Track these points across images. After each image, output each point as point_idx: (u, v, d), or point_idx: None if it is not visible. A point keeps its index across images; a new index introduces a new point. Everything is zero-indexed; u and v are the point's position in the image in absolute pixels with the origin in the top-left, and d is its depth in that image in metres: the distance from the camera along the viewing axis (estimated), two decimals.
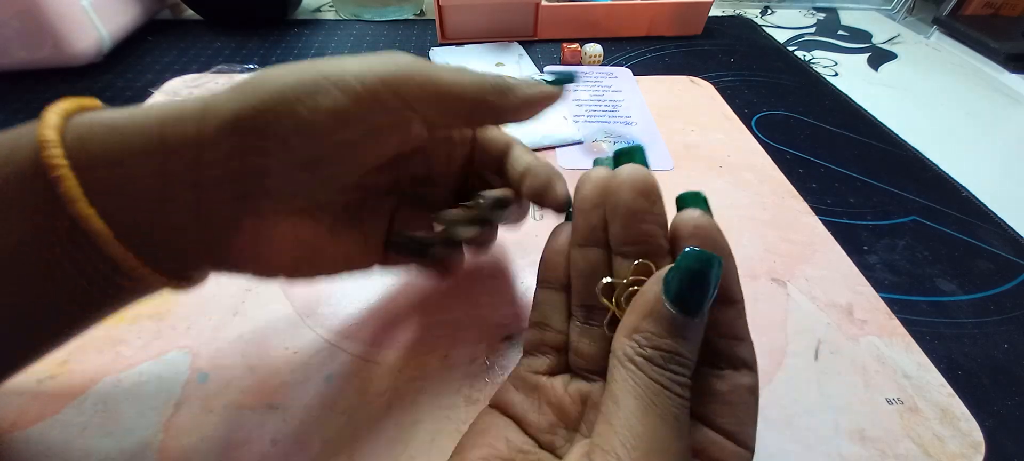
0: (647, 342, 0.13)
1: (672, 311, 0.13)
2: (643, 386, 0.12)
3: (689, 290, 0.13)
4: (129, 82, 0.46)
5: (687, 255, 0.13)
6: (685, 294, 0.13)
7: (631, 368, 0.13)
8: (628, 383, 0.13)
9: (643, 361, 0.13)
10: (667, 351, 0.12)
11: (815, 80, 0.54)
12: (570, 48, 0.54)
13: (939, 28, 0.69)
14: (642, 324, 0.13)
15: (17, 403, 0.23)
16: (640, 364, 0.13)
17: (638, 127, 0.44)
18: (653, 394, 0.12)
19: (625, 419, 0.12)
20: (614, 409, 0.13)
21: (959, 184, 0.40)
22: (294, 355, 0.25)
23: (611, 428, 0.12)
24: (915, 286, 0.31)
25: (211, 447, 0.21)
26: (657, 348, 0.13)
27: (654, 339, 0.13)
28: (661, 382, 0.12)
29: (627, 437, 0.12)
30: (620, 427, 0.12)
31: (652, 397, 0.12)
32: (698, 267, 0.13)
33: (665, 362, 0.12)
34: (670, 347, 0.13)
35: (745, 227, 0.34)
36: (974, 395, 0.25)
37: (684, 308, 0.13)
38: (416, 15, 0.65)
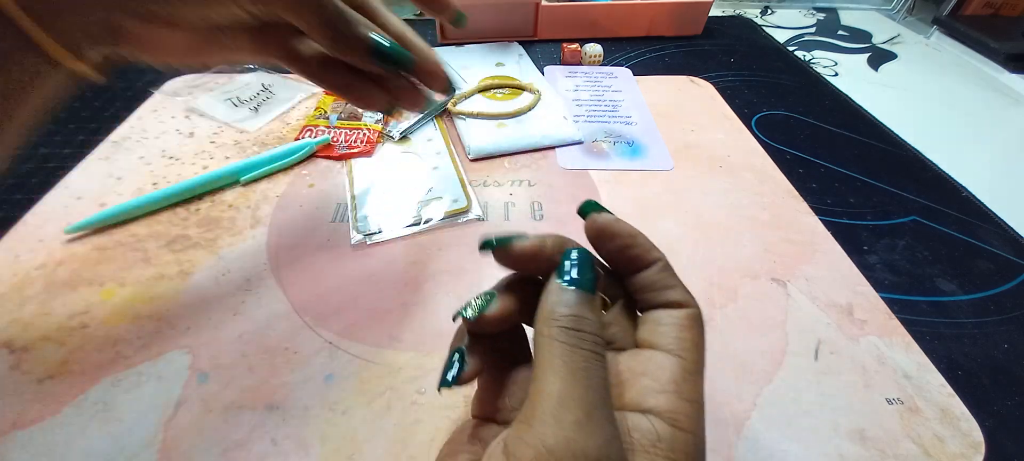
0: (555, 319, 0.15)
1: (569, 288, 0.15)
2: (557, 353, 0.14)
3: (575, 272, 0.15)
4: (129, 82, 0.46)
5: (566, 253, 0.16)
6: (572, 277, 0.15)
7: (545, 340, 0.14)
8: (543, 353, 0.14)
9: (556, 331, 0.14)
10: (572, 316, 0.15)
11: (815, 80, 0.54)
12: (570, 48, 0.54)
13: (939, 28, 0.69)
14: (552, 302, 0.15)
15: (17, 403, 0.23)
16: (553, 335, 0.14)
17: (638, 127, 0.44)
18: (566, 357, 0.14)
19: (541, 385, 0.14)
20: (535, 382, 0.14)
21: (959, 184, 0.40)
22: (294, 355, 0.25)
23: (532, 398, 0.14)
24: (915, 286, 0.31)
25: (211, 447, 0.21)
26: (564, 321, 0.14)
27: (559, 314, 0.15)
28: (570, 343, 0.14)
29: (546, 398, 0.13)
30: (537, 394, 0.14)
31: (565, 359, 0.14)
32: (572, 258, 0.16)
33: (573, 325, 0.14)
34: (573, 312, 0.15)
35: (745, 227, 0.34)
36: (974, 395, 0.25)
37: (576, 284, 0.15)
38: (416, 15, 0.65)
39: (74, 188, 0.34)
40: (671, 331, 0.16)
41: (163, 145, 0.38)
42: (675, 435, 0.14)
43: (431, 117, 0.43)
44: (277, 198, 0.34)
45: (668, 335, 0.16)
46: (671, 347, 0.16)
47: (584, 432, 0.13)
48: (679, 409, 0.14)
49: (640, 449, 0.14)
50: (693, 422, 0.14)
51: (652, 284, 0.17)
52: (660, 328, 0.16)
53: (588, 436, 0.13)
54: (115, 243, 0.30)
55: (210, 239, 0.31)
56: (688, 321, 0.16)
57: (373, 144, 0.39)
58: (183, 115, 0.42)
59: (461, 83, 0.37)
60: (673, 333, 0.16)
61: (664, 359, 0.15)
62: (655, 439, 0.14)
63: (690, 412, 0.15)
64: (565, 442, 0.13)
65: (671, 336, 0.16)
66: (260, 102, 0.44)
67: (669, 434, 0.14)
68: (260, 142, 0.39)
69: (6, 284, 0.28)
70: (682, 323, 0.16)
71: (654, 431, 0.14)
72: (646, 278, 0.17)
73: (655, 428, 0.14)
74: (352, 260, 0.30)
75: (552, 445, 0.13)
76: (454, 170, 0.37)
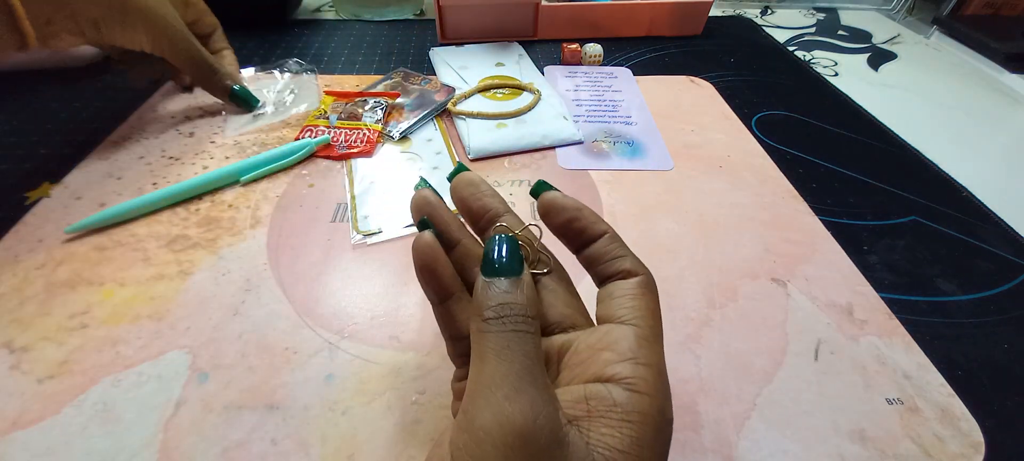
0: (482, 315, 0.15)
1: (492, 280, 0.16)
2: (486, 342, 0.14)
3: (493, 261, 0.16)
4: (129, 82, 0.46)
5: (487, 242, 0.17)
6: (493, 265, 0.16)
7: (479, 335, 0.15)
8: (475, 345, 0.15)
9: (484, 324, 0.15)
10: (497, 306, 0.15)
11: (815, 80, 0.54)
12: (570, 48, 0.54)
13: (939, 28, 0.69)
14: (478, 301, 0.16)
15: (17, 403, 0.23)
16: (481, 328, 0.15)
17: (638, 127, 0.44)
18: (493, 342, 0.14)
19: (474, 373, 0.14)
20: (470, 373, 0.15)
21: (959, 184, 0.40)
22: (294, 355, 0.25)
23: (467, 388, 0.14)
24: (915, 286, 0.31)
25: (211, 447, 0.21)
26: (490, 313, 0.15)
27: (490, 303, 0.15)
28: (496, 330, 0.15)
29: (477, 383, 0.14)
30: (471, 382, 0.14)
31: (492, 345, 0.14)
32: (492, 245, 0.16)
33: (498, 314, 0.15)
34: (497, 302, 0.15)
35: (745, 227, 0.34)
36: (974, 395, 0.25)
37: (499, 274, 0.16)
38: (416, 15, 0.65)
39: (74, 188, 0.34)
40: (625, 301, 0.17)
41: (163, 145, 0.38)
42: (631, 398, 0.14)
43: (431, 117, 0.43)
44: (277, 198, 0.34)
45: (623, 305, 0.16)
46: (626, 317, 0.16)
47: (512, 404, 0.13)
48: (636, 374, 0.15)
49: (597, 415, 0.14)
50: (651, 385, 0.15)
51: (601, 255, 0.18)
52: (614, 301, 0.17)
53: (515, 406, 0.13)
54: (115, 243, 0.30)
55: (210, 239, 0.31)
56: (639, 289, 0.17)
57: (373, 144, 0.39)
58: (183, 115, 0.42)
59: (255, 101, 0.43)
60: (627, 303, 0.16)
61: (620, 330, 0.16)
62: (611, 404, 0.14)
63: (647, 376, 0.15)
64: (493, 418, 0.13)
65: (626, 306, 0.16)
66: (283, 99, 0.44)
67: (625, 397, 0.14)
68: (260, 142, 0.39)
69: (6, 284, 0.28)
70: (634, 292, 0.17)
71: (610, 397, 0.14)
72: (595, 250, 0.18)
73: (611, 394, 0.14)
74: (352, 260, 0.30)
75: (483, 424, 0.13)
76: None
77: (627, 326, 0.16)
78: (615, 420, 0.14)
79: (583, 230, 0.18)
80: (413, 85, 0.46)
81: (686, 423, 0.23)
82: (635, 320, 0.16)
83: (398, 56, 0.54)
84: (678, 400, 0.24)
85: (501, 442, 0.13)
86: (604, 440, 0.14)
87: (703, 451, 0.22)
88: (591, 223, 0.18)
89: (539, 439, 0.13)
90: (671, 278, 0.30)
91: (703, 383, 0.25)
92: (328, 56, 0.53)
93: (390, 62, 0.53)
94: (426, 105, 0.43)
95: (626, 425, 0.14)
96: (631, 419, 0.14)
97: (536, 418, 0.13)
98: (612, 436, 0.14)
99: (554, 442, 0.13)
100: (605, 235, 0.18)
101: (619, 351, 0.15)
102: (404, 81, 0.47)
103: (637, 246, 0.32)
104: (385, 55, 0.54)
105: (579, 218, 0.18)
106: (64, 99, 0.43)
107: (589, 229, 0.18)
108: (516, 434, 0.13)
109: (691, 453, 0.22)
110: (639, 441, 0.14)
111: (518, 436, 0.13)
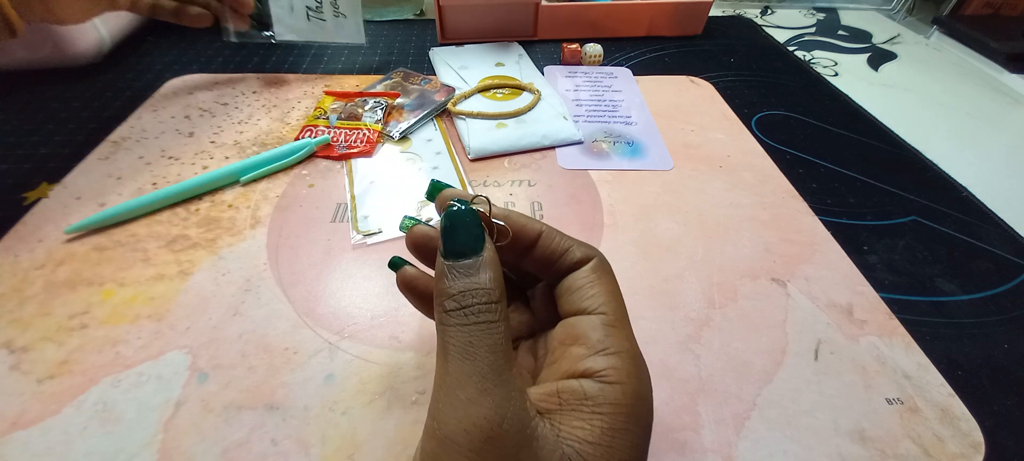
0: (442, 306, 0.14)
1: (453, 262, 0.15)
2: (449, 337, 0.14)
3: (454, 238, 0.15)
4: (129, 82, 0.46)
5: (442, 217, 0.16)
6: (452, 242, 0.15)
7: (442, 328, 0.14)
8: (439, 340, 0.14)
9: (446, 316, 0.14)
10: (458, 295, 0.14)
11: (815, 80, 0.54)
12: (570, 48, 0.54)
13: (939, 28, 0.69)
14: (439, 288, 0.15)
15: (17, 403, 0.23)
16: (443, 320, 0.14)
17: (638, 127, 0.44)
18: (457, 338, 0.14)
19: (438, 372, 0.14)
20: (436, 371, 0.14)
21: (959, 184, 0.40)
22: (294, 355, 0.25)
23: (433, 388, 0.14)
24: (915, 286, 0.31)
25: (211, 447, 0.21)
26: (450, 304, 0.14)
27: (451, 292, 0.14)
28: (459, 323, 0.14)
29: (442, 385, 0.14)
30: (436, 383, 0.14)
31: (456, 341, 0.14)
32: (449, 221, 0.15)
33: (460, 304, 0.14)
34: (458, 291, 0.14)
35: (745, 227, 0.34)
36: (974, 395, 0.25)
37: (461, 252, 0.15)
38: (416, 15, 0.65)
39: (74, 188, 0.34)
40: (585, 291, 0.16)
41: (163, 145, 0.38)
42: (603, 390, 0.14)
43: (431, 117, 0.43)
44: (277, 198, 0.34)
45: (584, 296, 0.16)
46: (589, 306, 0.16)
47: (477, 408, 0.13)
48: (607, 364, 0.14)
49: (569, 409, 0.14)
50: (623, 372, 0.14)
51: (549, 254, 0.17)
52: (574, 294, 0.16)
53: (479, 407, 0.13)
54: (115, 243, 0.30)
55: (210, 239, 0.31)
56: (594, 274, 0.16)
57: (373, 144, 0.39)
58: (183, 115, 0.42)
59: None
60: (588, 292, 0.16)
61: (588, 321, 0.16)
62: (582, 398, 0.14)
63: (618, 364, 0.15)
64: (458, 424, 0.13)
65: (587, 295, 0.16)
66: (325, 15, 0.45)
67: (597, 390, 0.14)
68: (260, 142, 0.39)
69: (6, 284, 0.28)
70: (591, 278, 0.16)
71: (582, 390, 0.14)
72: (540, 251, 0.17)
73: (583, 388, 0.14)
74: (352, 260, 0.30)
75: (449, 431, 0.13)
76: (454, 170, 0.37)
77: (593, 316, 0.16)
78: (586, 413, 0.14)
79: (519, 236, 0.17)
80: (413, 85, 0.46)
81: (686, 423, 0.23)
82: (599, 308, 0.16)
83: (398, 56, 0.54)
84: (678, 400, 0.24)
85: (468, 448, 0.13)
86: (575, 433, 0.13)
87: (703, 451, 0.22)
88: (523, 226, 0.17)
89: (507, 441, 0.13)
90: (671, 278, 0.30)
91: (703, 383, 0.25)
92: (328, 56, 0.53)
93: (390, 62, 0.53)
94: (426, 105, 0.43)
95: (597, 417, 0.14)
96: (602, 411, 0.14)
97: (502, 421, 0.13)
98: (582, 429, 0.13)
99: (522, 441, 0.13)
100: (542, 234, 0.17)
101: (589, 344, 0.15)
102: (404, 81, 0.47)
103: (637, 246, 0.32)
104: (385, 55, 0.54)
105: (510, 222, 0.17)
106: (64, 99, 0.43)
107: (523, 233, 0.17)
108: (483, 439, 0.12)
109: (691, 453, 0.22)
110: (611, 431, 0.14)
111: (485, 441, 0.12)
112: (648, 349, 0.26)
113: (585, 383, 0.14)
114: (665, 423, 0.23)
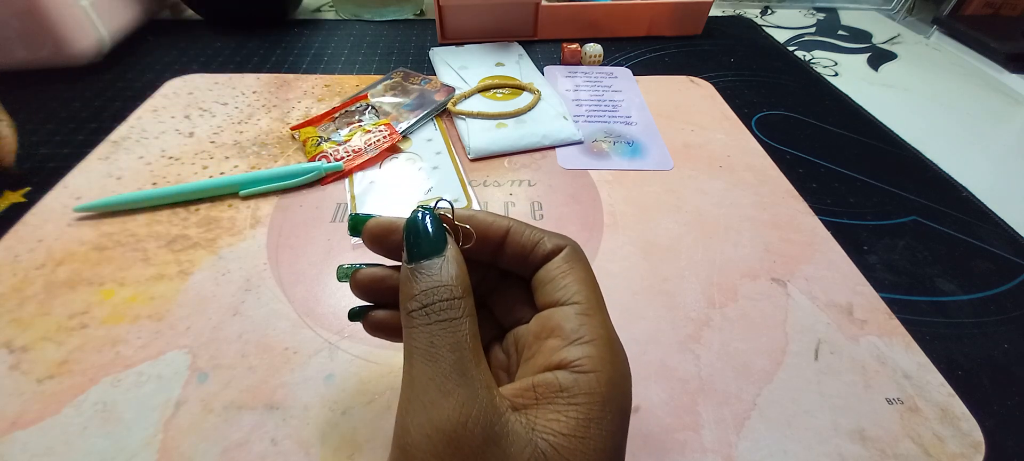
0: (407, 309, 0.14)
1: (416, 265, 0.15)
2: (413, 339, 0.14)
3: (416, 242, 0.15)
4: (129, 82, 0.46)
5: (405, 224, 0.16)
6: (415, 246, 0.15)
7: (406, 332, 0.14)
8: (405, 343, 0.14)
9: (409, 318, 0.14)
10: (420, 294, 0.14)
11: (815, 80, 0.54)
12: (570, 48, 0.54)
13: (939, 28, 0.69)
14: (403, 293, 0.15)
15: (17, 403, 0.23)
16: (407, 323, 0.14)
17: (638, 127, 0.44)
18: (420, 340, 0.14)
19: (404, 376, 0.14)
20: (404, 377, 0.14)
21: (959, 184, 0.40)
22: (294, 355, 0.25)
23: (401, 396, 0.14)
24: (915, 286, 0.31)
25: (211, 447, 0.21)
26: (413, 305, 0.14)
27: (413, 292, 0.14)
28: (422, 323, 0.14)
29: (407, 388, 0.13)
30: (403, 387, 0.14)
31: (419, 342, 0.14)
32: (411, 225, 0.16)
33: (422, 303, 0.14)
34: (420, 291, 0.14)
35: (745, 227, 0.34)
36: (974, 395, 0.25)
37: (423, 254, 0.15)
38: (416, 15, 0.65)
39: (74, 188, 0.34)
40: (557, 282, 0.16)
41: (163, 145, 0.38)
42: (577, 380, 0.14)
43: (431, 117, 0.43)
44: (277, 198, 0.34)
45: (557, 287, 0.16)
46: (561, 297, 0.16)
47: (439, 410, 0.13)
48: (581, 354, 0.14)
49: (545, 403, 0.14)
50: (597, 360, 0.14)
51: (520, 249, 0.17)
52: (548, 286, 0.16)
53: (441, 409, 0.13)
54: (115, 243, 0.30)
55: (210, 239, 0.31)
56: (566, 264, 0.16)
57: (395, 132, 0.39)
58: (183, 115, 0.42)
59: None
60: (559, 283, 0.16)
61: (561, 312, 0.15)
62: (557, 390, 0.14)
63: (592, 352, 0.14)
64: (419, 430, 0.13)
65: (560, 286, 0.16)
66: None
67: (571, 380, 0.14)
68: (260, 142, 0.39)
69: (6, 284, 0.28)
70: (563, 268, 0.16)
71: (556, 382, 0.14)
72: (511, 247, 0.17)
73: (557, 380, 0.14)
74: (352, 260, 0.30)
75: (411, 438, 0.13)
76: (454, 170, 0.37)
77: (567, 306, 0.15)
78: (562, 405, 0.14)
79: (486, 235, 0.17)
80: (413, 85, 0.46)
81: (686, 423, 0.23)
82: (572, 297, 0.16)
83: (398, 56, 0.54)
84: (678, 400, 0.24)
85: (431, 453, 0.12)
86: (549, 426, 0.13)
87: (703, 451, 0.22)
88: (491, 224, 0.17)
89: (472, 440, 0.12)
90: (671, 278, 0.30)
91: (703, 383, 0.25)
92: (328, 56, 0.53)
93: (390, 62, 0.53)
94: (426, 105, 0.43)
95: (572, 407, 0.13)
96: (577, 401, 0.13)
97: (466, 420, 0.12)
98: (558, 421, 0.13)
99: (489, 439, 0.12)
100: (510, 229, 0.17)
101: (563, 335, 0.15)
102: (404, 81, 0.47)
103: (637, 246, 0.32)
104: (385, 55, 0.54)
105: (475, 222, 0.17)
106: (64, 99, 0.43)
107: (491, 231, 0.17)
108: (445, 442, 0.12)
109: (691, 453, 0.22)
110: (586, 421, 0.13)
111: (447, 444, 0.12)
112: (648, 349, 0.26)
113: (560, 374, 0.14)
114: (665, 423, 0.23)
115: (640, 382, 0.25)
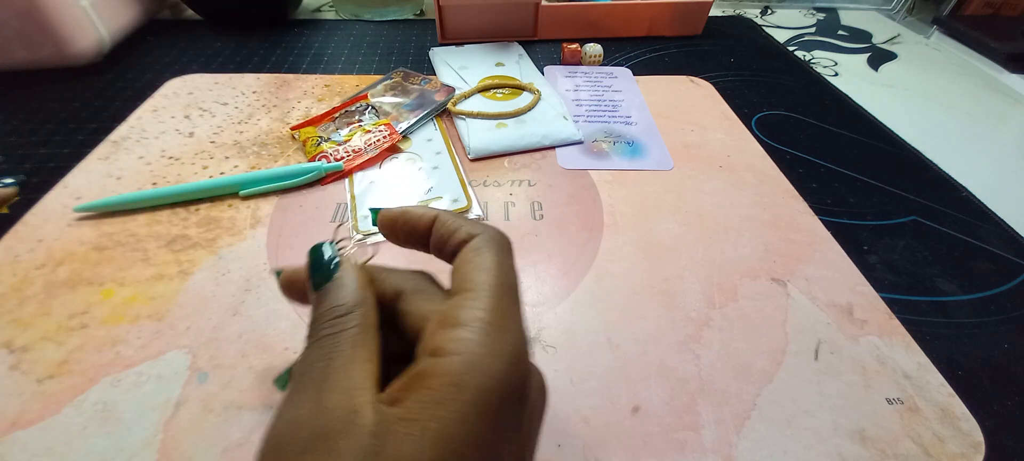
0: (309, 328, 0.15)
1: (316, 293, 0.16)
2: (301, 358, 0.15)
3: (312, 274, 0.16)
4: (129, 82, 0.46)
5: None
6: (312, 278, 0.16)
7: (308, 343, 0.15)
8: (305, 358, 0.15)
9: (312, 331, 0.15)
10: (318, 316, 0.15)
11: (815, 80, 0.54)
12: (570, 48, 0.54)
13: (939, 28, 0.69)
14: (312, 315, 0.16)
15: (17, 403, 0.23)
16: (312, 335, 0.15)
17: (638, 127, 0.44)
18: (304, 359, 0.14)
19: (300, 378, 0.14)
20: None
21: (959, 184, 0.40)
22: (294, 355, 0.25)
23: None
24: (915, 286, 0.31)
25: (211, 447, 0.21)
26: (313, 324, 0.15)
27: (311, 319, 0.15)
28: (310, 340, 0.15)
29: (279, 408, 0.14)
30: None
31: (303, 361, 0.14)
32: (308, 258, 0.17)
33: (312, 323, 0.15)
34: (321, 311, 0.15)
35: (745, 227, 0.34)
36: (974, 395, 0.25)
37: (316, 284, 0.16)
38: (416, 15, 0.65)
39: (74, 188, 0.34)
40: (461, 270, 0.16)
41: (163, 145, 0.38)
42: (437, 363, 0.13)
43: (431, 117, 0.43)
44: (277, 198, 0.34)
45: (459, 274, 0.16)
46: (459, 285, 0.15)
47: (277, 416, 0.13)
48: (448, 337, 0.14)
49: (411, 390, 0.13)
50: (463, 344, 0.13)
51: (442, 239, 0.17)
52: (454, 274, 0.16)
53: (279, 416, 0.13)
54: (115, 243, 0.30)
55: (210, 239, 0.31)
56: (473, 252, 0.16)
57: (396, 132, 0.39)
58: (183, 115, 0.42)
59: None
60: (461, 271, 0.16)
61: (452, 300, 0.15)
62: (421, 377, 0.13)
63: (463, 335, 0.14)
64: (263, 440, 0.13)
65: (461, 275, 0.16)
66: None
67: (428, 365, 0.13)
68: (260, 142, 0.39)
69: (6, 284, 0.28)
70: (466, 257, 0.16)
71: (417, 369, 0.13)
72: (435, 238, 0.17)
73: (419, 367, 0.13)
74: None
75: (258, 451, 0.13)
76: (454, 170, 0.37)
77: (460, 294, 0.15)
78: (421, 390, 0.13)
79: (413, 227, 0.18)
80: (413, 85, 0.46)
81: (686, 423, 0.23)
82: (465, 285, 0.15)
83: (398, 56, 0.54)
84: (678, 400, 0.24)
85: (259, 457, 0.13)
86: (397, 414, 0.13)
87: (703, 451, 0.22)
88: (418, 217, 0.18)
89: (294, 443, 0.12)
90: (671, 278, 0.30)
91: (703, 383, 0.25)
92: (328, 56, 0.53)
93: (390, 62, 0.53)
94: (426, 105, 0.43)
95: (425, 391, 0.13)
96: (430, 384, 0.13)
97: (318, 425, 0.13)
98: (409, 408, 0.13)
99: (318, 436, 0.12)
100: (435, 219, 0.17)
101: (440, 321, 0.14)
102: (404, 81, 0.47)
103: (637, 246, 0.32)
104: (385, 55, 0.54)
105: (404, 218, 0.18)
106: (64, 99, 0.43)
107: (418, 224, 0.18)
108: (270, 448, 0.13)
109: (691, 453, 0.22)
110: (431, 403, 0.13)
111: (272, 450, 0.13)
112: (648, 349, 0.26)
113: (424, 360, 0.14)
114: (665, 423, 0.23)
115: (640, 382, 0.25)
